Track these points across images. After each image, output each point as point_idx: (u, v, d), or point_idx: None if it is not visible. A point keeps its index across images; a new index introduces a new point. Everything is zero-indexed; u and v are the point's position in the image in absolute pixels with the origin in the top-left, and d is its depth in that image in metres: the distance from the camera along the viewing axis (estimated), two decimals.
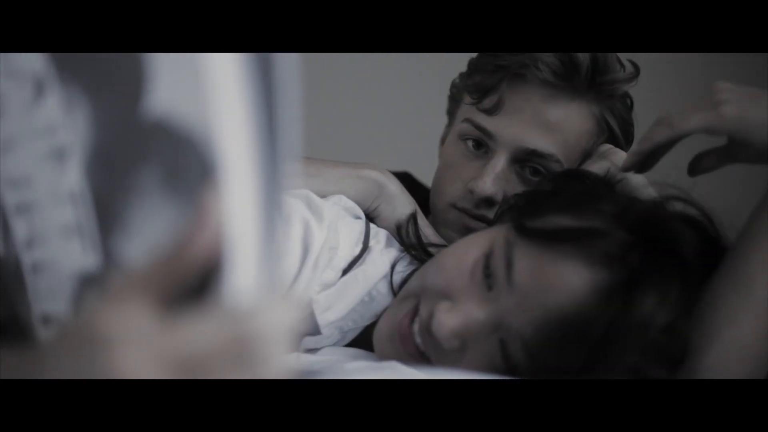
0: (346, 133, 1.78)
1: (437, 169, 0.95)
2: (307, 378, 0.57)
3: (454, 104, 0.98)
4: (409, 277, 0.77)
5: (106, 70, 0.35)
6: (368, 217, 0.85)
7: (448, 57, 0.94)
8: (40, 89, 0.36)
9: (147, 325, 0.33)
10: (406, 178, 1.03)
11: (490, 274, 0.66)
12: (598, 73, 0.85)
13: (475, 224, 0.87)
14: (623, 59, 0.89)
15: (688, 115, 0.68)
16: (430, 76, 1.33)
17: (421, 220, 0.87)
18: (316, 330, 0.76)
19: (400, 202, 0.87)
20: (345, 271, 0.78)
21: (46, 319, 0.39)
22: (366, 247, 0.80)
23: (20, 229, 0.38)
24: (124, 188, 0.35)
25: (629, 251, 0.62)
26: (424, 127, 1.26)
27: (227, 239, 0.33)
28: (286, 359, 0.35)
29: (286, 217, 0.72)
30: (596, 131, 0.88)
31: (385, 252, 0.80)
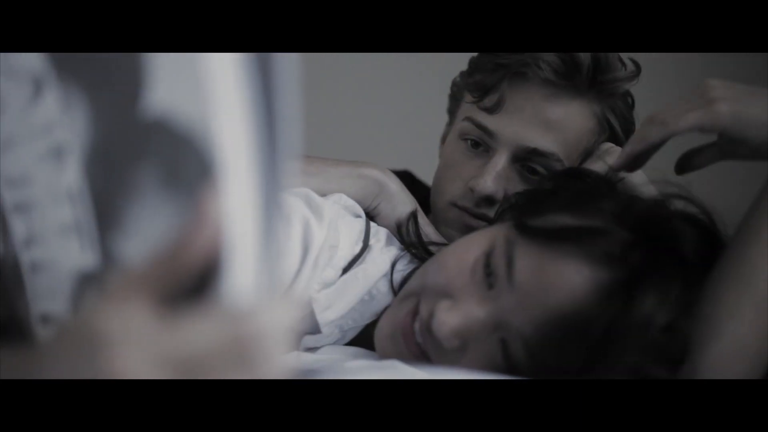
0: (347, 132, 1.77)
1: (438, 168, 0.95)
2: (307, 377, 0.57)
3: (454, 103, 0.98)
4: (409, 276, 0.77)
5: (105, 68, 0.35)
6: (368, 216, 0.85)
7: (449, 56, 0.94)
8: (38, 88, 0.36)
9: (146, 325, 0.32)
10: (406, 177, 1.03)
11: (491, 273, 0.65)
12: (600, 72, 0.85)
13: (475, 223, 0.87)
14: (624, 58, 0.89)
15: (682, 114, 0.68)
16: (431, 75, 1.33)
17: (422, 218, 0.87)
18: (316, 329, 0.75)
19: (401, 201, 0.87)
20: (345, 270, 0.77)
21: (45, 319, 0.39)
22: (366, 246, 0.79)
23: (19, 229, 0.38)
24: (123, 187, 0.35)
25: (630, 250, 0.62)
26: (425, 126, 1.26)
27: (226, 238, 0.33)
28: (285, 359, 0.35)
29: (286, 215, 0.72)
30: (597, 130, 0.88)
31: (386, 251, 0.80)
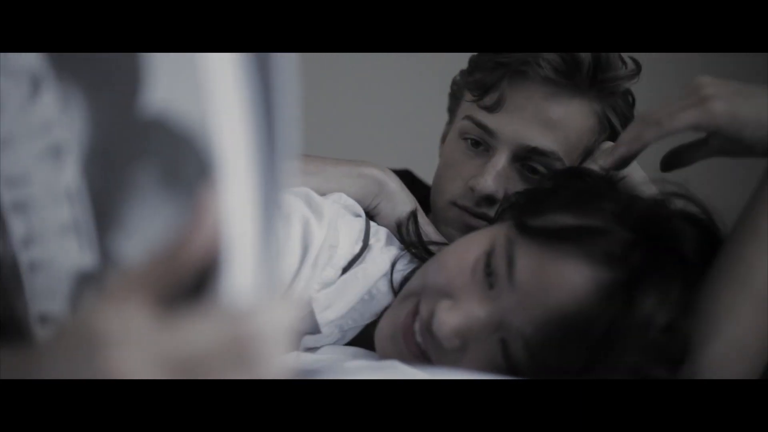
0: (347, 131, 1.77)
1: (438, 167, 0.95)
2: (307, 377, 0.57)
3: (454, 102, 0.97)
4: (409, 276, 0.76)
5: (103, 67, 0.35)
6: (368, 215, 0.84)
7: (449, 56, 0.94)
8: (36, 86, 0.36)
9: (145, 325, 0.32)
10: (406, 176, 1.03)
11: (491, 273, 0.65)
12: (600, 71, 0.84)
13: (475, 222, 0.87)
14: (625, 57, 0.89)
15: (677, 113, 0.67)
16: (431, 75, 1.32)
17: (422, 218, 0.86)
18: (316, 329, 0.75)
19: (401, 200, 0.86)
20: (345, 270, 0.77)
21: (44, 319, 0.39)
22: (366, 246, 0.79)
23: (17, 228, 0.38)
24: (122, 186, 0.35)
25: (631, 250, 0.62)
26: (425, 125, 1.26)
27: (225, 238, 0.33)
28: (285, 359, 0.35)
29: (285, 215, 0.72)
30: (598, 129, 0.88)
31: (386, 250, 0.80)
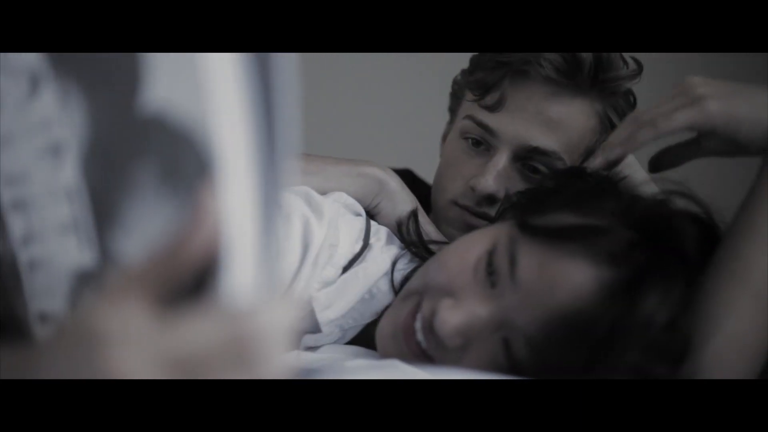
0: (348, 130, 1.77)
1: (439, 166, 0.95)
2: (307, 376, 0.57)
3: (455, 101, 0.97)
4: (410, 275, 0.76)
5: (103, 65, 0.35)
6: (369, 215, 0.84)
7: (450, 55, 0.94)
8: (35, 84, 0.36)
9: (144, 324, 0.32)
10: (407, 175, 1.03)
11: (493, 272, 0.65)
12: (601, 70, 0.84)
13: (476, 222, 0.87)
14: (626, 56, 0.89)
15: (671, 113, 0.67)
16: (432, 74, 1.32)
17: (422, 217, 0.86)
18: (317, 328, 0.75)
19: (401, 199, 0.86)
20: (345, 269, 0.77)
21: (43, 317, 0.39)
22: (366, 245, 0.79)
23: (17, 226, 0.38)
24: (121, 185, 0.35)
25: (634, 249, 0.62)
26: (426, 124, 1.26)
27: (225, 237, 0.33)
28: (285, 358, 0.34)
29: (286, 214, 0.72)
30: (599, 129, 0.88)
31: (386, 249, 0.79)
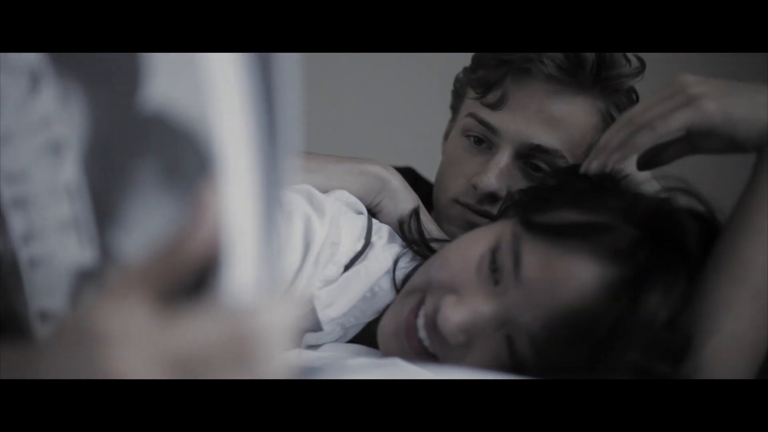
0: (350, 129, 1.77)
1: (440, 165, 0.95)
2: (308, 375, 0.56)
3: (457, 99, 0.97)
4: (412, 273, 0.76)
5: (103, 62, 0.34)
6: (370, 213, 0.84)
7: (452, 54, 0.94)
8: (35, 82, 0.36)
9: (144, 322, 0.32)
10: (409, 174, 1.03)
11: (497, 269, 0.65)
12: (604, 68, 0.84)
13: (478, 220, 0.87)
14: (629, 54, 0.88)
15: (668, 114, 0.67)
16: (434, 72, 1.32)
17: (424, 215, 0.86)
18: (318, 326, 0.75)
19: (403, 198, 0.86)
20: (347, 267, 0.77)
21: (44, 316, 0.39)
22: (368, 243, 0.79)
23: (17, 224, 0.38)
24: (122, 183, 0.35)
25: (638, 247, 0.61)
26: (428, 122, 1.25)
27: (226, 235, 0.33)
28: (286, 357, 0.34)
29: (287, 212, 0.72)
30: (601, 126, 0.87)
31: (388, 248, 0.79)
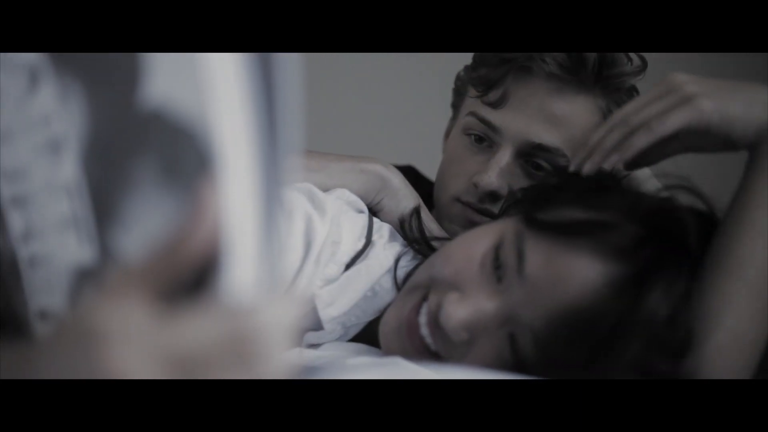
0: (351, 128, 1.77)
1: (441, 163, 0.95)
2: (309, 374, 0.56)
3: (458, 97, 0.97)
4: (413, 272, 0.76)
5: (103, 60, 0.34)
6: (371, 212, 0.84)
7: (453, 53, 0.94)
8: (34, 79, 0.35)
9: (144, 321, 0.32)
10: (409, 172, 1.02)
11: (500, 266, 0.65)
12: (605, 67, 0.84)
13: (479, 218, 0.87)
14: (631, 53, 0.88)
15: (664, 114, 0.67)
16: (435, 71, 1.32)
17: (425, 214, 0.86)
18: (319, 325, 0.75)
19: (404, 196, 0.86)
20: (348, 266, 0.77)
21: (43, 314, 0.39)
22: (369, 242, 0.79)
23: (16, 223, 0.37)
24: (121, 180, 0.35)
25: (641, 245, 0.61)
26: (429, 121, 1.25)
27: (226, 233, 0.33)
28: (286, 357, 0.34)
29: (288, 211, 0.72)
30: None
31: (389, 246, 0.79)
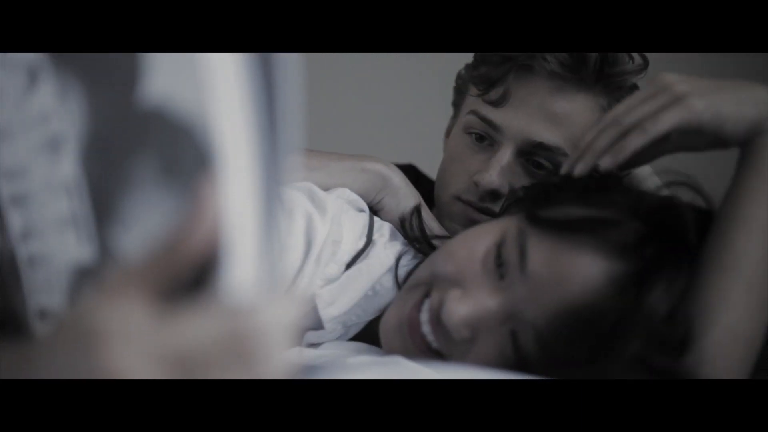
0: (351, 127, 1.77)
1: (442, 162, 0.95)
2: (309, 373, 0.56)
3: (459, 96, 0.97)
4: (414, 271, 0.76)
5: (102, 58, 0.34)
6: (372, 210, 0.84)
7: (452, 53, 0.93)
8: (33, 78, 0.35)
9: (143, 320, 0.32)
10: (410, 171, 1.02)
11: (502, 263, 0.65)
12: (607, 65, 0.84)
13: (479, 217, 0.86)
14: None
15: (658, 115, 0.67)
16: (436, 70, 1.32)
17: (426, 212, 0.86)
18: (319, 325, 0.75)
19: (405, 195, 0.86)
20: (348, 266, 0.77)
21: (43, 313, 0.39)
22: (370, 241, 0.79)
23: (16, 222, 0.37)
24: (121, 179, 0.35)
25: (644, 242, 0.61)
26: (429, 120, 1.25)
27: (226, 232, 0.32)
28: (286, 356, 0.34)
29: (288, 210, 0.71)
30: None
31: (389, 245, 0.79)
